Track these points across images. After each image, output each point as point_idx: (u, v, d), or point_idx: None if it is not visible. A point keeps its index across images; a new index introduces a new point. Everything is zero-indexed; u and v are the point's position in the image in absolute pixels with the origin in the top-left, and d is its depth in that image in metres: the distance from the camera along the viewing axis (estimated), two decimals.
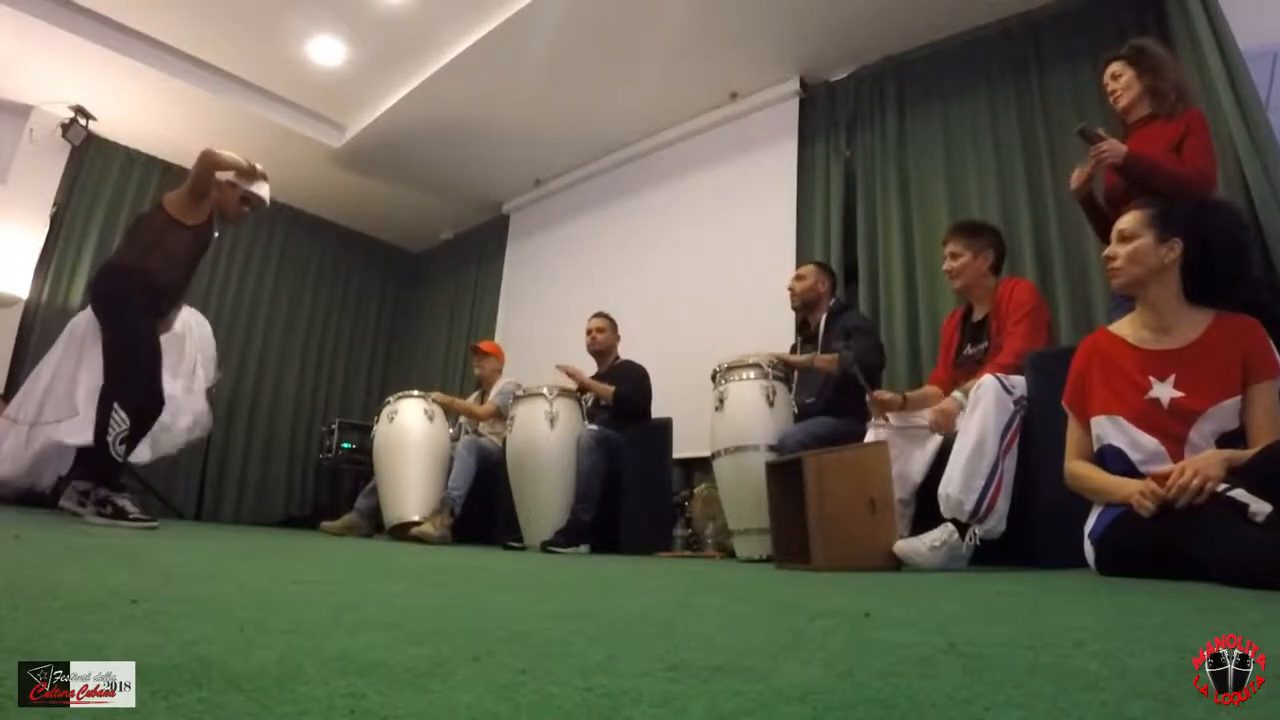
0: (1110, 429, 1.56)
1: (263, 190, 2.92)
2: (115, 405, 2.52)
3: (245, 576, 1.18)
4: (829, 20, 3.77)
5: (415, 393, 3.84)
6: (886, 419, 2.28)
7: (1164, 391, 1.51)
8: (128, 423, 2.54)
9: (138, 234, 2.79)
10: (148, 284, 2.70)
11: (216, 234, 2.95)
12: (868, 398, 2.31)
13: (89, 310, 2.98)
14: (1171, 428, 1.48)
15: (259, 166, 2.87)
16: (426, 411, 3.74)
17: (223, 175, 2.82)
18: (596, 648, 0.59)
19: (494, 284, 5.86)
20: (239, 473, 5.56)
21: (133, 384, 2.60)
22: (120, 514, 2.44)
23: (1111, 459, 1.55)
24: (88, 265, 4.86)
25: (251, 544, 2.31)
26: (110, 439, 2.50)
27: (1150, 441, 1.49)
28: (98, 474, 2.52)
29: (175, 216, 2.74)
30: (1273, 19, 3.08)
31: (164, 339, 2.88)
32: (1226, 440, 1.44)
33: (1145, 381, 1.54)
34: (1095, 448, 1.61)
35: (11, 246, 4.62)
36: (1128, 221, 1.62)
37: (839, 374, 2.75)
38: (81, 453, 2.70)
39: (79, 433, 2.71)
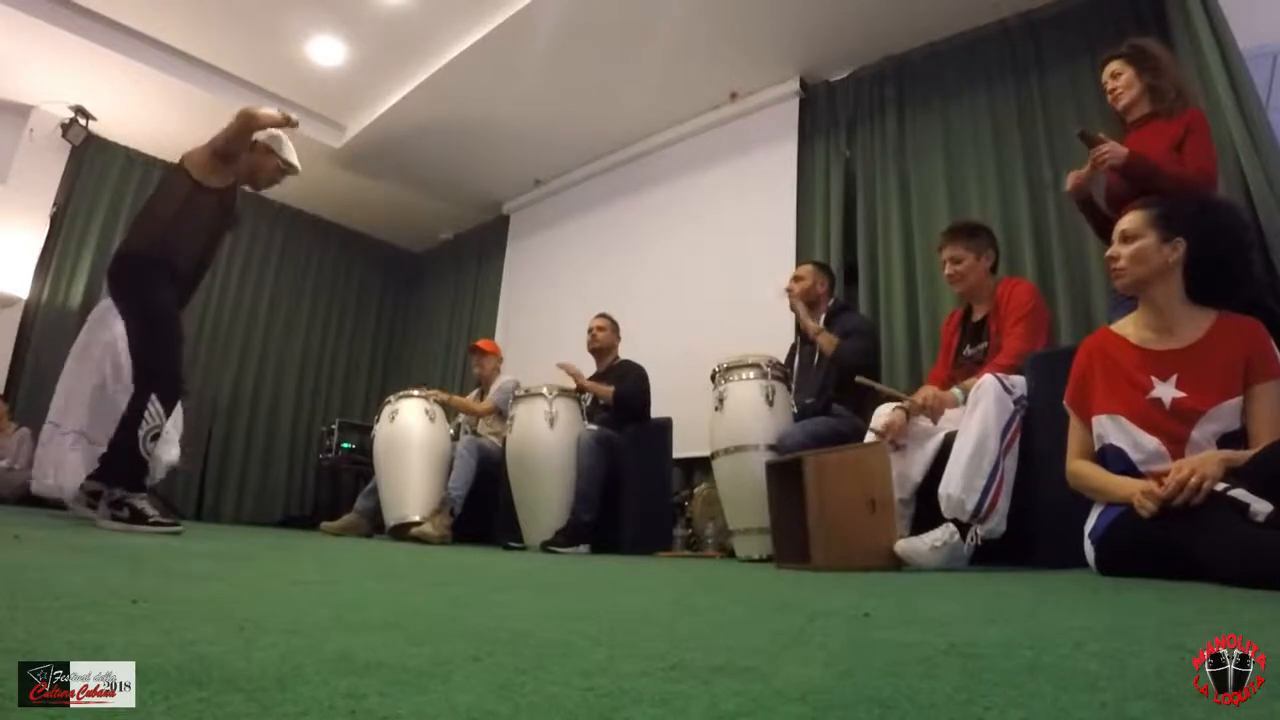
0: (1111, 429, 1.56)
1: (294, 156, 2.73)
2: (153, 397, 2.29)
3: (245, 576, 1.18)
4: (829, 20, 3.77)
5: (416, 392, 3.83)
6: (895, 444, 2.20)
7: (1166, 391, 1.51)
8: (163, 417, 2.31)
9: (156, 205, 2.54)
10: (170, 263, 2.46)
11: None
12: (871, 430, 2.27)
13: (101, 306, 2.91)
14: (1173, 428, 1.48)
15: (293, 116, 2.61)
16: (428, 411, 3.74)
17: (260, 135, 2.63)
18: (596, 648, 0.59)
19: (494, 284, 5.86)
20: (239, 473, 5.56)
21: (168, 373, 2.38)
22: (139, 517, 2.20)
23: (1113, 459, 1.55)
24: (88, 265, 4.87)
25: (251, 544, 2.31)
26: (142, 434, 2.26)
27: (1151, 441, 1.49)
28: (118, 473, 2.27)
29: (198, 179, 2.49)
30: (1273, 19, 3.08)
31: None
32: (1228, 441, 1.44)
33: (1147, 381, 1.53)
34: (1096, 447, 1.61)
35: (11, 246, 4.63)
36: (1130, 222, 1.62)
37: (833, 359, 2.81)
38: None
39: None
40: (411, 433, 3.66)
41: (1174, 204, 1.63)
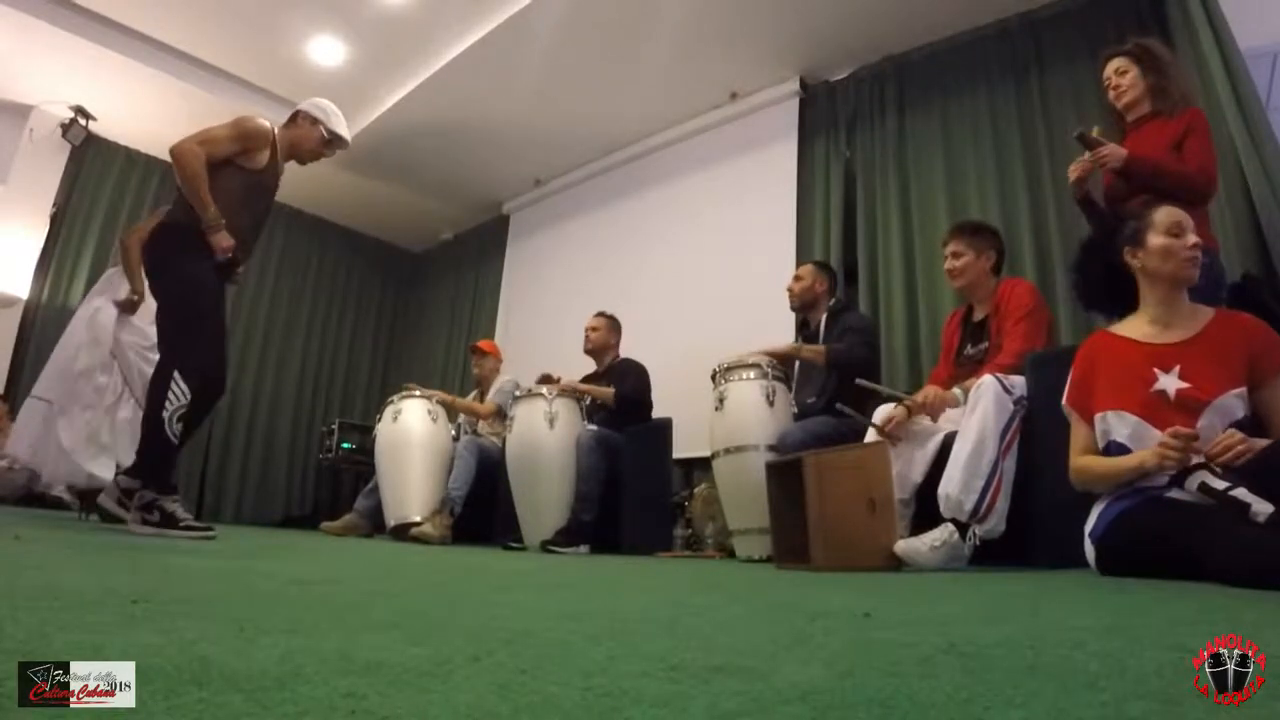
0: (1116, 424, 1.56)
1: (343, 128, 2.57)
2: (176, 375, 2.10)
3: (245, 576, 1.18)
4: (829, 20, 3.76)
5: (418, 392, 3.84)
6: (894, 439, 2.22)
7: (1170, 383, 1.52)
8: (188, 396, 2.11)
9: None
10: (201, 234, 2.25)
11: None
12: (873, 426, 2.29)
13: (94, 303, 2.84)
14: (1178, 420, 1.47)
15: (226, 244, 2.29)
16: (430, 412, 3.74)
17: (304, 105, 2.53)
18: (596, 648, 0.59)
19: (494, 284, 5.86)
20: (239, 473, 5.56)
21: (196, 348, 2.17)
22: (169, 521, 2.05)
23: (1116, 456, 1.55)
24: (88, 265, 4.86)
25: (251, 544, 2.31)
26: (166, 415, 2.07)
27: (1156, 434, 1.49)
28: (145, 463, 2.12)
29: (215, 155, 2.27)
30: (1273, 19, 3.08)
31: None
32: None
33: (1151, 374, 1.54)
34: (1100, 445, 1.61)
35: (11, 246, 4.63)
36: (1190, 220, 1.62)
37: (828, 366, 2.81)
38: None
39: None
40: (413, 433, 3.66)
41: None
